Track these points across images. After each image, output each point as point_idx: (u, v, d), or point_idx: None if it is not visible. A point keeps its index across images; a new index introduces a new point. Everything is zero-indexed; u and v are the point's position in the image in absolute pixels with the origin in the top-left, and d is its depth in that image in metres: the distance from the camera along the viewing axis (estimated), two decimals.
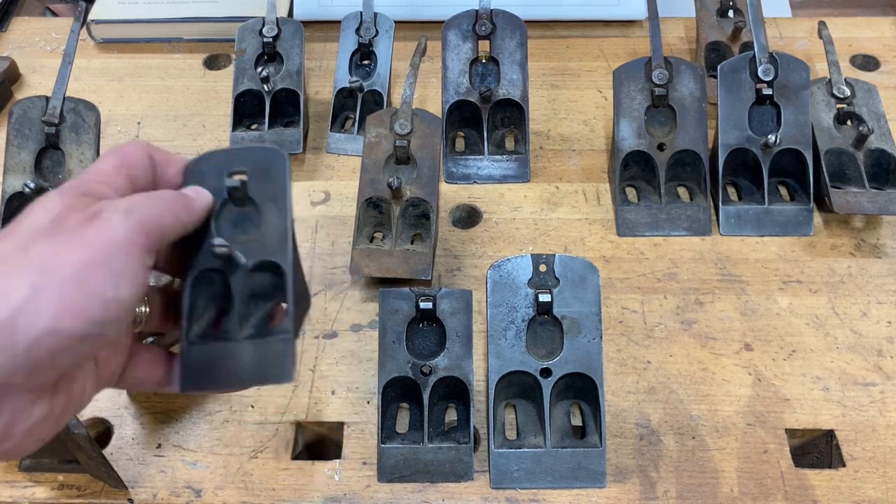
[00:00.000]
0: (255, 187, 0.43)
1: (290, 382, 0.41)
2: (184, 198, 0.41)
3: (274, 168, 0.43)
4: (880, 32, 0.89)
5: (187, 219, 0.41)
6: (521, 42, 0.75)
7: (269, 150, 0.44)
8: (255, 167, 0.43)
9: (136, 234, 0.36)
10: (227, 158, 0.44)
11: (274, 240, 0.42)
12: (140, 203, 0.38)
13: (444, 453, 0.56)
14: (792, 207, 0.71)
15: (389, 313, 0.56)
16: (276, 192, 0.43)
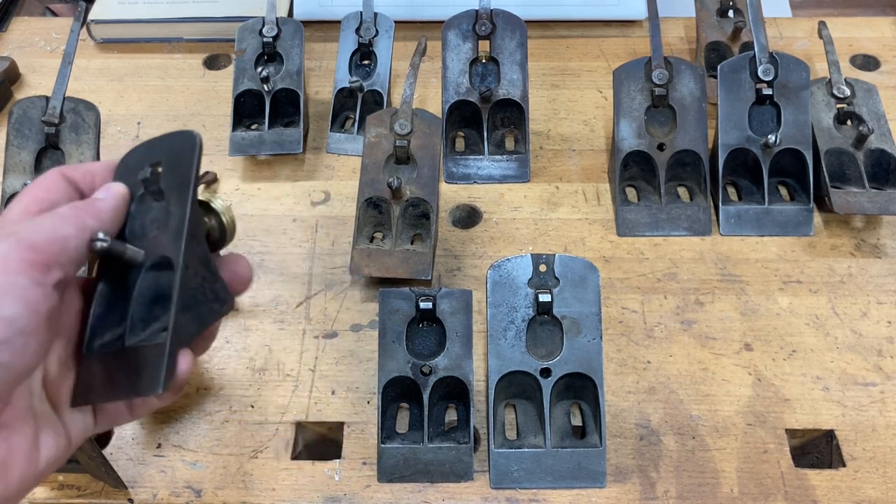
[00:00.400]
0: (167, 177, 0.40)
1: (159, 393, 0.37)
2: (88, 204, 0.39)
3: (184, 153, 0.40)
4: (880, 32, 0.89)
5: (96, 224, 0.39)
6: (521, 42, 0.75)
7: (183, 133, 0.41)
8: (171, 155, 0.41)
9: (20, 251, 0.35)
10: (147, 150, 0.42)
11: (172, 233, 0.39)
12: (27, 223, 0.37)
13: (444, 453, 0.56)
14: (792, 207, 0.71)
15: (389, 313, 0.56)
16: (181, 179, 0.40)
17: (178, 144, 0.41)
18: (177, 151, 0.40)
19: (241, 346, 0.64)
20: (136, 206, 0.41)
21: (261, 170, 0.77)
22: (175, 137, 0.41)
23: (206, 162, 0.78)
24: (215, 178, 0.76)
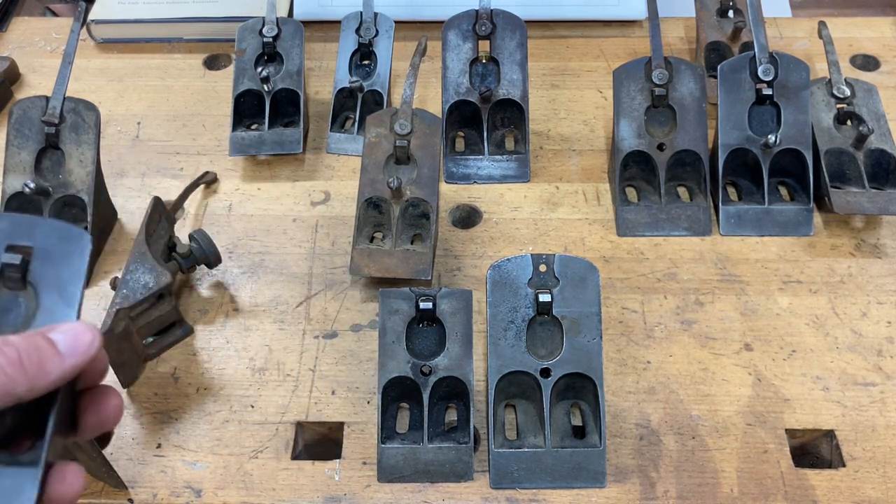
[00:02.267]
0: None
1: None
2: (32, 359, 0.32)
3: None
4: (880, 32, 0.89)
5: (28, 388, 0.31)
6: (521, 42, 0.75)
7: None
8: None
9: None
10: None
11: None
12: None
13: (444, 453, 0.56)
14: (792, 207, 0.71)
15: (389, 313, 0.56)
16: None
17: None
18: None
19: (241, 346, 0.64)
20: None
21: (261, 170, 0.77)
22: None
23: (206, 162, 0.78)
24: (215, 178, 0.76)
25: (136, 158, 0.79)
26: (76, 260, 0.36)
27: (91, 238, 0.36)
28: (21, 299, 0.36)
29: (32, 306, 0.36)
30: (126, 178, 0.77)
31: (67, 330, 0.34)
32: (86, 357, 0.33)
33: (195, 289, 0.68)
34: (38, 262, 0.36)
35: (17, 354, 0.32)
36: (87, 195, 0.67)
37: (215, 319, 0.65)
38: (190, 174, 0.76)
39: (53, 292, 0.36)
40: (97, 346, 0.34)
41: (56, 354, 0.33)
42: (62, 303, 0.35)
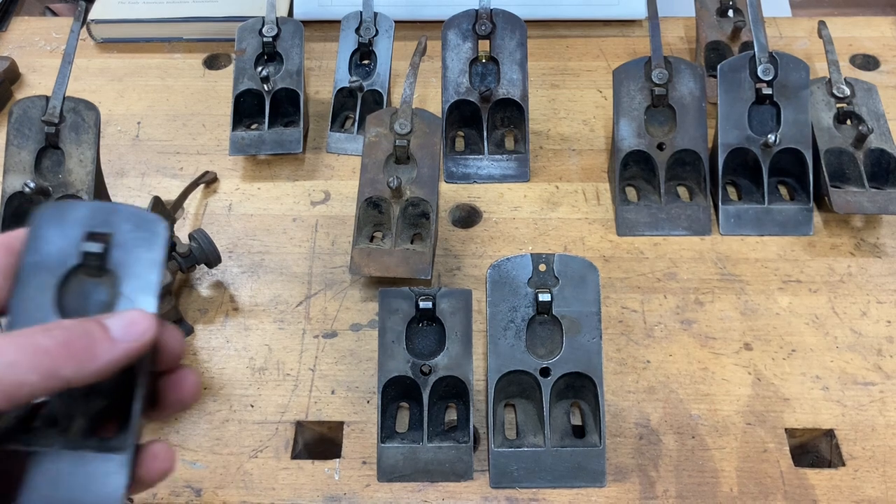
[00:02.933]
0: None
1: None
2: (82, 344, 0.32)
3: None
4: (880, 32, 0.89)
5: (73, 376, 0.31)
6: (521, 42, 0.75)
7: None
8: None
9: None
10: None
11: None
12: None
13: (443, 453, 0.56)
14: (792, 207, 0.71)
15: (389, 313, 0.56)
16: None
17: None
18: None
19: (240, 345, 0.64)
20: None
21: (261, 169, 0.77)
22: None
23: (206, 161, 0.78)
24: (215, 177, 0.76)
25: (136, 158, 0.79)
26: (154, 247, 0.36)
27: (167, 225, 0.37)
28: (101, 286, 0.36)
29: (112, 293, 0.36)
30: (126, 177, 0.77)
31: (123, 316, 0.34)
32: (140, 343, 0.33)
33: (195, 288, 0.68)
34: (117, 250, 0.36)
35: (64, 337, 0.31)
36: (87, 195, 0.67)
37: (215, 319, 0.65)
38: (190, 174, 0.76)
39: (132, 280, 0.36)
40: (152, 333, 0.34)
41: (107, 339, 0.32)
42: (141, 291, 0.36)
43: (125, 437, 0.35)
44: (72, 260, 0.36)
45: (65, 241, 0.36)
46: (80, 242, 0.36)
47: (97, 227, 0.36)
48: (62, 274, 0.36)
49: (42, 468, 0.34)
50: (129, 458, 0.34)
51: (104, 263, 0.36)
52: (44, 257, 0.36)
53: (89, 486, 0.34)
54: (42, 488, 0.34)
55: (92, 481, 0.34)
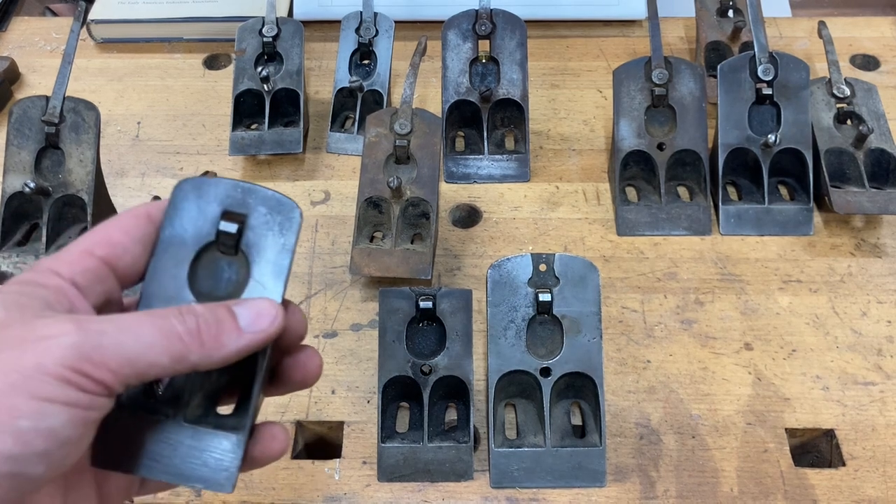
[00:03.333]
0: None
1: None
2: (209, 331, 0.33)
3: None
4: (880, 32, 0.89)
5: (200, 361, 0.33)
6: (521, 42, 0.75)
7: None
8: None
9: (79, 360, 0.30)
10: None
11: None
12: (107, 321, 0.31)
13: (444, 453, 0.56)
14: (792, 207, 0.71)
15: (389, 313, 0.56)
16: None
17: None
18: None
19: None
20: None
21: (260, 169, 0.77)
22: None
23: (205, 161, 0.78)
24: (215, 177, 0.76)
25: (136, 158, 0.79)
26: (287, 232, 0.37)
27: (301, 211, 0.37)
28: (234, 265, 0.37)
29: (243, 273, 0.37)
30: (126, 177, 0.77)
31: (252, 306, 0.35)
32: (265, 335, 0.34)
33: None
34: (251, 231, 0.37)
35: (196, 324, 0.33)
36: (87, 195, 0.67)
37: None
38: (190, 174, 0.76)
39: (264, 264, 0.36)
40: (278, 325, 0.35)
41: (235, 328, 0.34)
42: (271, 276, 0.36)
43: (242, 417, 0.36)
44: (207, 237, 0.37)
45: (202, 217, 0.37)
46: (217, 221, 0.36)
47: (234, 207, 0.37)
48: (197, 249, 0.37)
49: (163, 437, 0.35)
50: (244, 438, 0.36)
51: (238, 243, 0.37)
52: (181, 231, 0.37)
53: (206, 462, 0.35)
54: (162, 455, 0.35)
55: (208, 457, 0.35)
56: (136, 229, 0.36)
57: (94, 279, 0.35)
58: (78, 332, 0.30)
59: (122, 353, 0.31)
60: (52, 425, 0.29)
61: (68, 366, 0.30)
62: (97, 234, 0.36)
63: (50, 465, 0.30)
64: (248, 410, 0.36)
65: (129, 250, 0.36)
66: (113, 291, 0.36)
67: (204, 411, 0.37)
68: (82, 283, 0.34)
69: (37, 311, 0.31)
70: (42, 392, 0.29)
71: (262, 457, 0.37)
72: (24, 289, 0.33)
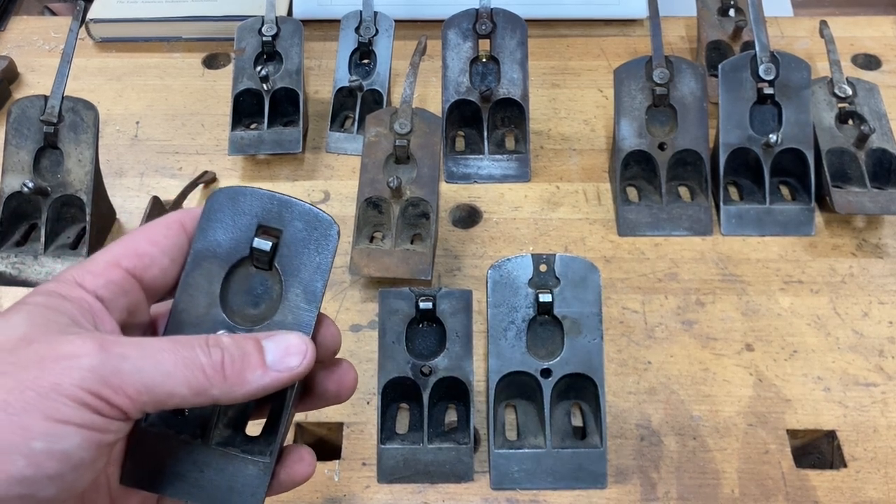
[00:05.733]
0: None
1: None
2: (234, 367, 0.32)
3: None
4: (882, 32, 0.89)
5: (222, 397, 0.32)
6: (522, 41, 0.75)
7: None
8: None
9: (98, 384, 0.29)
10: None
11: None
12: (130, 346, 0.31)
13: (444, 454, 0.55)
14: (793, 207, 0.70)
15: (389, 313, 0.56)
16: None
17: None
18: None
19: None
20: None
21: (260, 169, 0.77)
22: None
23: (205, 161, 0.78)
24: (214, 177, 0.76)
25: (135, 158, 0.78)
26: (323, 251, 0.36)
27: (338, 229, 0.36)
28: (267, 281, 0.36)
29: (277, 291, 0.36)
30: (125, 177, 0.77)
31: (281, 341, 0.34)
32: (292, 374, 0.33)
33: None
34: (286, 248, 0.36)
35: (220, 357, 0.32)
36: (86, 195, 0.67)
37: None
38: (189, 174, 0.76)
39: (298, 286, 0.35)
40: (306, 365, 0.34)
41: (260, 365, 0.33)
42: (304, 298, 0.35)
43: (270, 441, 0.36)
44: (241, 251, 0.36)
45: (236, 230, 0.36)
46: (251, 234, 0.36)
47: (269, 221, 0.36)
48: (230, 264, 0.36)
49: (190, 458, 0.35)
50: (271, 463, 0.35)
51: (272, 260, 0.36)
52: (214, 245, 0.36)
53: (232, 486, 0.35)
54: (189, 477, 0.35)
55: (235, 481, 0.35)
56: (166, 240, 0.35)
57: (119, 292, 0.34)
58: (99, 353, 0.30)
59: (141, 380, 0.30)
60: (65, 448, 0.29)
61: (86, 388, 0.29)
62: (125, 244, 0.35)
63: (62, 487, 0.29)
64: (276, 434, 0.35)
65: (156, 262, 0.35)
66: (139, 304, 0.35)
67: (232, 433, 0.36)
68: (106, 296, 0.34)
69: (62, 327, 0.31)
70: (57, 413, 0.28)
71: (288, 480, 0.37)
72: (49, 301, 0.32)
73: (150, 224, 0.36)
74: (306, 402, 0.39)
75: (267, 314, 0.36)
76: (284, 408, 0.36)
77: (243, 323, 0.36)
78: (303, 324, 0.35)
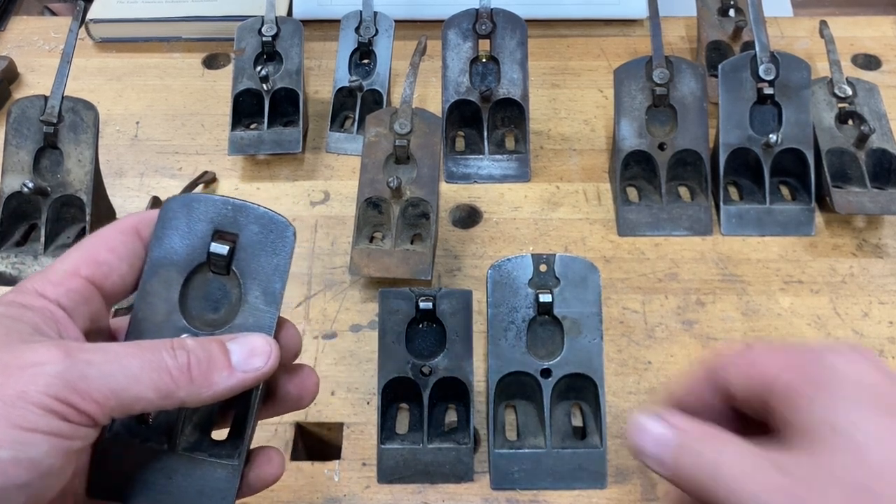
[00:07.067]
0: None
1: None
2: (200, 369, 0.32)
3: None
4: (882, 32, 0.89)
5: (189, 399, 0.32)
6: (522, 41, 0.75)
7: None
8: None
9: (65, 390, 0.29)
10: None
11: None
12: (94, 351, 0.30)
13: (444, 454, 0.55)
14: (793, 207, 0.70)
15: (389, 313, 0.56)
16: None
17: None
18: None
19: None
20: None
21: (260, 169, 0.77)
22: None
23: (205, 161, 0.78)
24: (214, 177, 0.76)
25: (135, 158, 0.78)
26: (279, 253, 0.36)
27: (294, 230, 0.36)
28: (226, 286, 0.36)
29: (236, 295, 0.36)
30: (125, 177, 0.77)
31: (245, 343, 0.34)
32: (258, 374, 0.33)
33: None
34: (243, 251, 0.36)
35: (186, 360, 0.32)
36: (86, 195, 0.67)
37: None
38: (189, 174, 0.76)
39: (257, 288, 0.36)
40: (271, 365, 0.34)
41: (226, 367, 0.33)
42: (264, 300, 0.35)
43: (237, 444, 0.36)
44: (198, 257, 0.36)
45: (192, 237, 0.36)
46: (208, 240, 0.36)
47: (225, 226, 0.36)
48: (188, 271, 0.36)
49: (158, 465, 0.35)
50: (239, 465, 0.35)
51: (230, 264, 0.36)
52: (170, 252, 0.36)
53: (202, 490, 0.34)
54: (157, 485, 0.35)
55: (204, 485, 0.35)
56: (123, 246, 0.35)
57: (81, 300, 0.34)
58: (65, 359, 0.30)
59: (108, 385, 0.30)
60: (33, 456, 0.28)
61: (53, 395, 0.29)
62: (82, 251, 0.35)
63: (30, 496, 0.29)
64: (243, 437, 0.35)
65: (115, 269, 0.35)
66: (100, 311, 0.35)
67: (198, 438, 0.36)
68: (69, 305, 0.33)
69: (24, 336, 0.31)
70: (24, 421, 0.28)
71: (257, 482, 0.37)
72: (10, 311, 0.32)
73: (105, 230, 0.36)
74: (268, 408, 0.39)
75: (227, 318, 0.36)
76: (250, 410, 0.36)
77: (204, 328, 0.36)
78: (264, 325, 0.36)
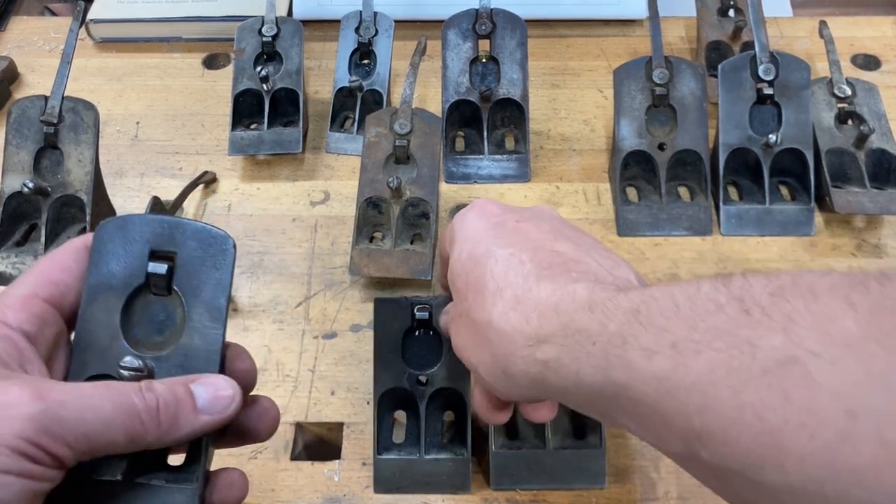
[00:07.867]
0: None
1: None
2: (169, 411, 0.32)
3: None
4: (881, 32, 0.89)
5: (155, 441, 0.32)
6: (522, 41, 0.75)
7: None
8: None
9: (33, 430, 0.29)
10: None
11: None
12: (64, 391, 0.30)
13: (441, 465, 0.55)
14: (793, 207, 0.70)
15: (384, 323, 0.55)
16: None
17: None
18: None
19: None
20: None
21: (260, 169, 0.77)
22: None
23: (205, 161, 0.78)
24: (214, 177, 0.76)
25: (135, 158, 0.78)
26: (221, 267, 0.35)
27: (234, 242, 0.36)
28: (169, 306, 0.35)
29: (180, 315, 0.35)
30: (125, 177, 0.77)
31: (209, 385, 0.34)
32: (222, 416, 0.34)
33: None
34: (182, 269, 0.35)
35: (155, 404, 0.32)
36: (86, 195, 0.67)
37: None
38: (189, 174, 0.76)
39: (201, 305, 0.35)
40: (235, 407, 0.34)
41: (192, 410, 0.33)
42: (209, 318, 0.35)
43: (194, 469, 0.35)
44: (137, 280, 0.35)
45: (129, 259, 0.35)
46: (145, 261, 0.35)
47: (162, 245, 0.35)
48: (127, 294, 0.35)
49: (115, 498, 0.34)
50: (197, 489, 0.34)
51: (170, 283, 0.35)
52: (108, 276, 0.35)
53: None
54: None
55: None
56: (77, 265, 0.35)
57: (43, 324, 0.34)
58: (36, 401, 0.29)
59: (81, 429, 0.30)
60: (4, 497, 0.28)
61: (25, 438, 0.29)
62: (37, 274, 0.35)
63: None
64: (199, 462, 0.35)
65: (72, 288, 0.35)
66: (61, 332, 0.35)
67: (156, 465, 0.35)
68: (31, 330, 0.33)
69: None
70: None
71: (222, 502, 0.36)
72: None
73: (56, 252, 0.36)
74: (225, 442, 0.38)
75: (172, 339, 0.35)
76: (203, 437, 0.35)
77: (150, 351, 0.35)
78: (211, 342, 0.35)
